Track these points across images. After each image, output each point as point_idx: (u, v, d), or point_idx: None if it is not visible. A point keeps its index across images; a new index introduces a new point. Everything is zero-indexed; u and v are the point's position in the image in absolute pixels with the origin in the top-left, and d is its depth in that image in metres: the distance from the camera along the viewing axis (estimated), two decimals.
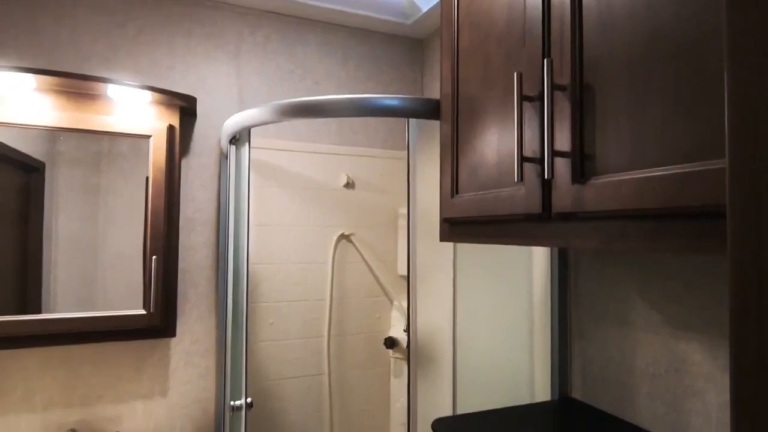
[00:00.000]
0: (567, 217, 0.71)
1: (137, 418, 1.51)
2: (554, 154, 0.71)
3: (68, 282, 1.39)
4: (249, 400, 1.38)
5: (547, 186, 0.74)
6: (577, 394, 1.22)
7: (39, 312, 1.34)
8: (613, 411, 1.11)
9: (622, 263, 1.10)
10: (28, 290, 1.36)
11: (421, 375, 1.30)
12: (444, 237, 1.08)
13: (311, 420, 1.82)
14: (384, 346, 1.90)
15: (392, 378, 1.95)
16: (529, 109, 0.78)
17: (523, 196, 0.79)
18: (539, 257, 1.32)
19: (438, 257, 1.53)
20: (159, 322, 1.41)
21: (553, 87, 0.72)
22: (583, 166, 0.69)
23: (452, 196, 1.00)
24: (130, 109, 1.42)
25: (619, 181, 0.62)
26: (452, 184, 1.00)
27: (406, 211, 1.18)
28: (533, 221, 0.79)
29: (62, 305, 1.37)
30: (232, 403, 1.38)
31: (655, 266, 1.03)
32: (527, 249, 1.37)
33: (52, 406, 1.41)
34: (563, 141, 0.71)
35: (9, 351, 1.37)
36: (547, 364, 1.25)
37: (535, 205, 0.76)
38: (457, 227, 1.02)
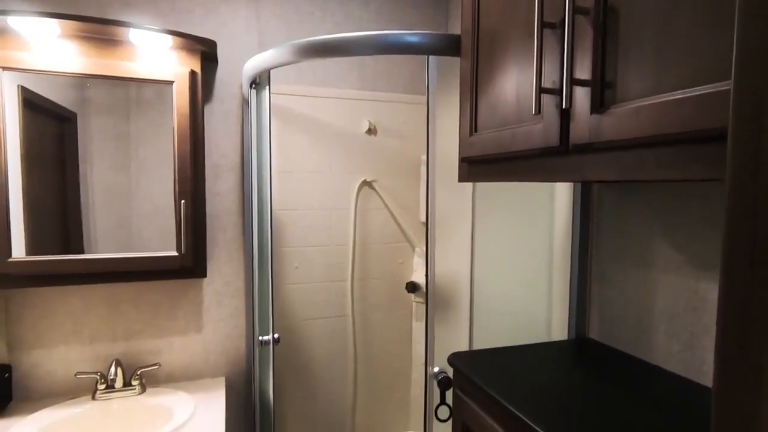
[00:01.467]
0: (584, 149, 0.70)
1: (174, 351, 1.62)
2: (574, 82, 0.69)
3: (106, 226, 1.46)
4: (276, 336, 1.46)
5: (565, 117, 0.72)
6: (593, 334, 1.24)
7: (81, 252, 1.43)
8: (629, 350, 1.12)
9: (646, 204, 1.08)
10: (70, 232, 1.44)
11: (440, 318, 1.34)
12: (462, 177, 1.07)
13: (336, 358, 1.91)
14: (406, 291, 1.95)
15: (414, 322, 2.01)
16: (549, 37, 0.75)
17: (540, 130, 0.77)
18: (561, 200, 1.30)
19: (458, 203, 1.53)
20: (190, 263, 1.48)
21: (575, 11, 0.68)
22: (602, 95, 0.66)
23: (471, 134, 0.99)
24: (152, 54, 1.43)
25: (637, 108, 0.60)
26: (471, 122, 0.99)
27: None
28: (550, 155, 0.77)
29: (102, 246, 1.45)
30: (260, 338, 1.46)
31: (680, 207, 1.00)
32: (548, 192, 1.36)
33: (98, 339, 1.53)
34: (584, 69, 0.68)
35: (56, 288, 1.48)
36: (565, 305, 1.26)
37: (552, 138, 0.74)
38: (475, 166, 1.01)
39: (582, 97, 0.68)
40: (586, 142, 0.68)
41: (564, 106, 0.69)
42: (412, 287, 1.92)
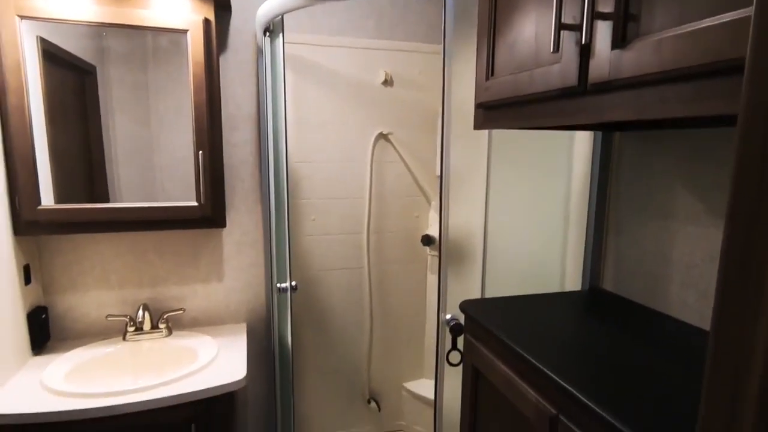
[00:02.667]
0: (603, 88, 0.67)
1: (198, 298, 1.69)
2: (595, 16, 0.66)
3: (129, 177, 1.50)
4: (294, 283, 1.50)
5: (584, 54, 0.69)
6: (607, 285, 1.24)
7: (106, 201, 1.48)
8: (643, 301, 1.12)
9: (668, 153, 1.05)
10: (95, 182, 1.48)
11: (453, 271, 1.35)
12: (478, 124, 1.05)
13: (352, 308, 1.97)
14: (421, 244, 1.97)
15: (429, 274, 2.04)
16: None
17: (558, 71, 0.75)
18: (580, 150, 1.27)
19: (473, 155, 1.51)
20: (210, 212, 1.52)
21: None
22: (625, 28, 0.63)
23: (487, 78, 0.96)
24: (166, 2, 1.41)
25: (659, 41, 0.57)
26: (488, 65, 0.96)
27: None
28: (568, 97, 0.75)
29: (126, 196, 1.50)
30: (278, 285, 1.51)
31: (703, 155, 0.97)
32: (567, 142, 1.32)
33: (126, 285, 1.61)
34: (607, 0, 0.65)
35: (85, 236, 1.54)
36: (580, 256, 1.26)
37: (570, 78, 0.72)
38: (491, 112, 0.99)
39: (603, 31, 0.65)
40: (605, 80, 0.65)
41: (584, 42, 0.66)
42: (427, 240, 1.94)
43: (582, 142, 1.28)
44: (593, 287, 1.24)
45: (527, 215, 1.42)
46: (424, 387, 2.05)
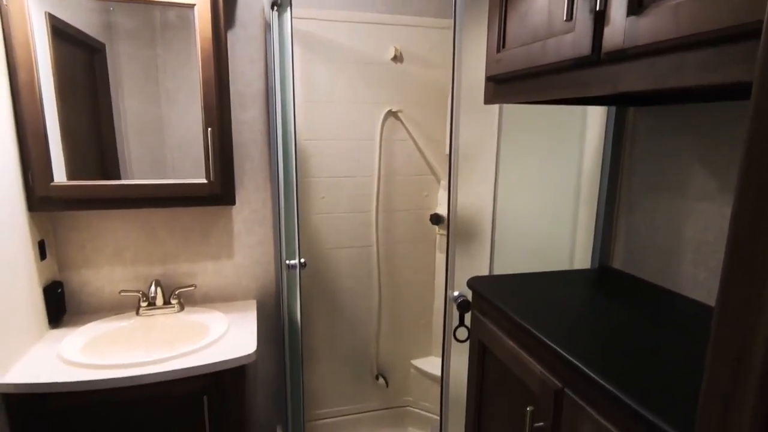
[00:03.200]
0: (617, 57, 0.65)
1: (208, 275, 1.71)
2: None
3: (140, 155, 1.51)
4: (303, 260, 1.51)
5: (598, 23, 0.67)
6: (617, 263, 1.23)
7: (118, 178, 1.49)
8: (653, 279, 1.11)
9: (683, 129, 1.02)
10: (106, 160, 1.50)
11: (462, 250, 1.35)
12: (488, 98, 1.03)
13: (361, 286, 1.98)
14: (430, 223, 1.96)
15: (437, 253, 2.04)
16: None
17: (571, 40, 0.73)
18: (593, 127, 1.25)
19: (483, 133, 1.49)
20: (219, 190, 1.52)
21: None
22: None
23: (498, 50, 0.94)
24: None
25: (676, 5, 0.55)
26: (499, 36, 0.94)
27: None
28: (581, 67, 0.73)
29: (137, 173, 1.51)
30: (287, 262, 1.52)
31: (720, 131, 0.94)
32: (579, 119, 1.30)
33: (138, 261, 1.63)
34: None
35: (98, 212, 1.56)
36: (590, 234, 1.25)
37: (583, 47, 0.70)
38: (502, 86, 0.97)
39: None
40: (620, 49, 0.64)
41: (598, 9, 0.64)
42: (436, 219, 1.93)
43: (595, 118, 1.26)
44: (603, 265, 1.23)
45: (537, 193, 1.41)
46: (432, 364, 2.07)
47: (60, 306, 1.53)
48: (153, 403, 1.30)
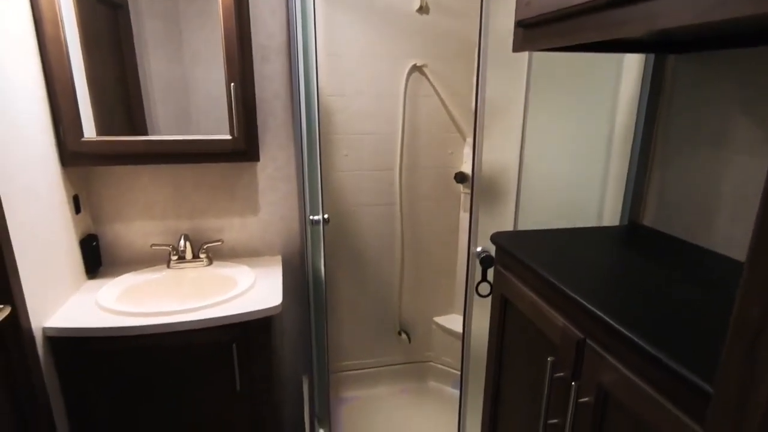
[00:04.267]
0: None
1: (235, 230, 1.75)
2: None
3: (165, 111, 1.53)
4: (326, 216, 1.53)
5: None
6: (647, 221, 1.19)
7: (145, 134, 1.52)
8: (686, 237, 1.07)
9: (727, 77, 0.95)
10: (133, 116, 1.52)
11: (486, 209, 1.32)
12: (517, 46, 0.98)
13: (384, 244, 2.00)
14: (454, 181, 1.94)
15: (461, 212, 2.02)
16: None
17: None
18: (629, 75, 1.18)
19: (511, 87, 1.43)
20: (243, 146, 1.53)
21: None
22: None
23: None
24: None
25: None
26: None
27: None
28: (616, 5, 0.68)
29: (163, 129, 1.53)
30: (311, 217, 1.53)
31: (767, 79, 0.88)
32: (615, 67, 1.23)
33: (167, 216, 1.68)
34: None
35: (127, 168, 1.60)
36: (620, 189, 1.21)
37: None
38: (532, 31, 0.92)
39: None
40: None
41: None
42: (461, 177, 1.90)
43: (631, 67, 1.19)
44: (632, 222, 1.20)
45: (566, 148, 1.36)
46: (454, 321, 2.10)
47: (96, 258, 1.60)
48: (185, 349, 1.36)
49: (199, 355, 1.38)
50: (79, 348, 1.29)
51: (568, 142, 1.37)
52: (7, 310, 1.10)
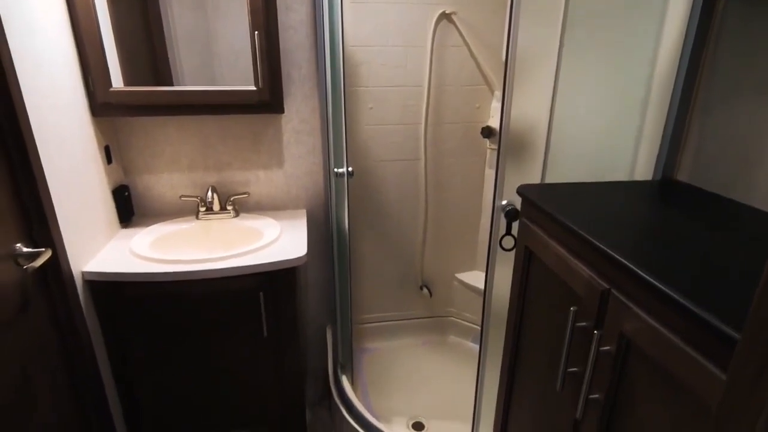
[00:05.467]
0: None
1: (260, 183, 1.77)
2: None
3: (190, 62, 1.52)
4: (350, 169, 1.52)
5: None
6: (682, 176, 1.14)
7: (171, 85, 1.52)
8: (724, 192, 1.03)
9: None
10: (159, 66, 1.52)
11: (513, 165, 1.29)
12: None
13: (407, 198, 1.99)
14: (481, 136, 1.89)
15: (487, 169, 1.99)
16: None
17: None
18: (673, 19, 1.10)
19: (545, 34, 1.36)
20: (268, 97, 1.52)
21: None
22: None
23: None
24: None
25: None
26: None
27: None
28: None
29: (188, 81, 1.53)
30: (335, 170, 1.53)
31: None
32: (657, 13, 1.15)
33: (194, 168, 1.71)
34: None
35: (154, 119, 1.62)
36: (656, 142, 1.16)
37: None
38: None
39: None
40: None
41: None
42: (487, 132, 1.86)
43: (675, 12, 1.11)
44: (666, 177, 1.15)
45: (600, 101, 1.30)
46: (476, 278, 2.11)
47: (128, 208, 1.66)
48: (215, 296, 1.42)
49: (228, 303, 1.44)
50: (115, 292, 1.36)
51: (602, 94, 1.30)
52: (48, 254, 1.16)
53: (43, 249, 1.15)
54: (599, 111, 1.29)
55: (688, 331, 0.57)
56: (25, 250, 1.12)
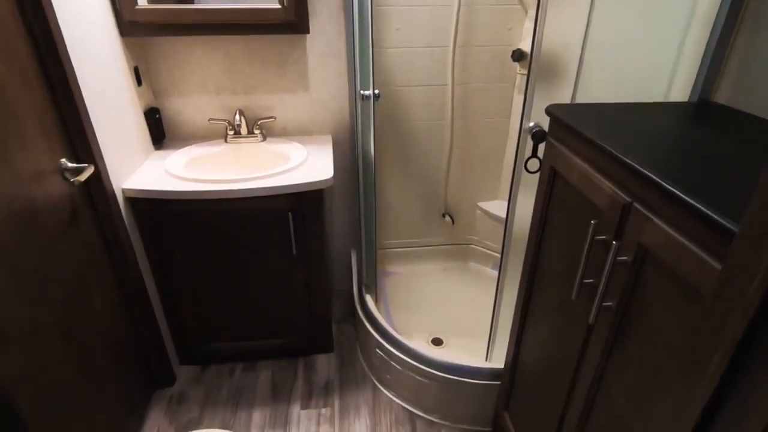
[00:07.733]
0: None
1: (286, 108, 1.78)
2: None
3: None
4: (377, 91, 1.51)
5: None
6: (721, 98, 1.10)
7: (193, 3, 1.51)
8: (765, 115, 0.99)
9: None
10: None
11: (543, 89, 1.25)
12: None
13: (433, 124, 1.98)
14: (511, 60, 1.83)
15: (515, 95, 1.94)
16: None
17: None
18: None
19: None
20: (293, 16, 1.49)
21: None
22: None
23: None
24: None
25: None
26: None
27: None
28: None
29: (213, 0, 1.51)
30: (361, 92, 1.53)
31: None
32: None
33: (222, 92, 1.72)
34: None
35: (180, 40, 1.61)
36: (694, 65, 1.11)
37: None
38: None
39: None
40: None
41: None
42: (518, 55, 1.79)
43: None
44: (703, 99, 1.12)
45: (640, 13, 1.23)
46: (498, 207, 2.13)
47: (159, 130, 1.70)
48: (246, 215, 1.49)
49: (258, 221, 1.51)
50: (153, 208, 1.44)
51: (642, 8, 1.23)
52: (91, 169, 1.23)
53: (86, 165, 1.22)
54: (637, 28, 1.23)
55: (709, 241, 0.59)
56: (70, 165, 1.19)
